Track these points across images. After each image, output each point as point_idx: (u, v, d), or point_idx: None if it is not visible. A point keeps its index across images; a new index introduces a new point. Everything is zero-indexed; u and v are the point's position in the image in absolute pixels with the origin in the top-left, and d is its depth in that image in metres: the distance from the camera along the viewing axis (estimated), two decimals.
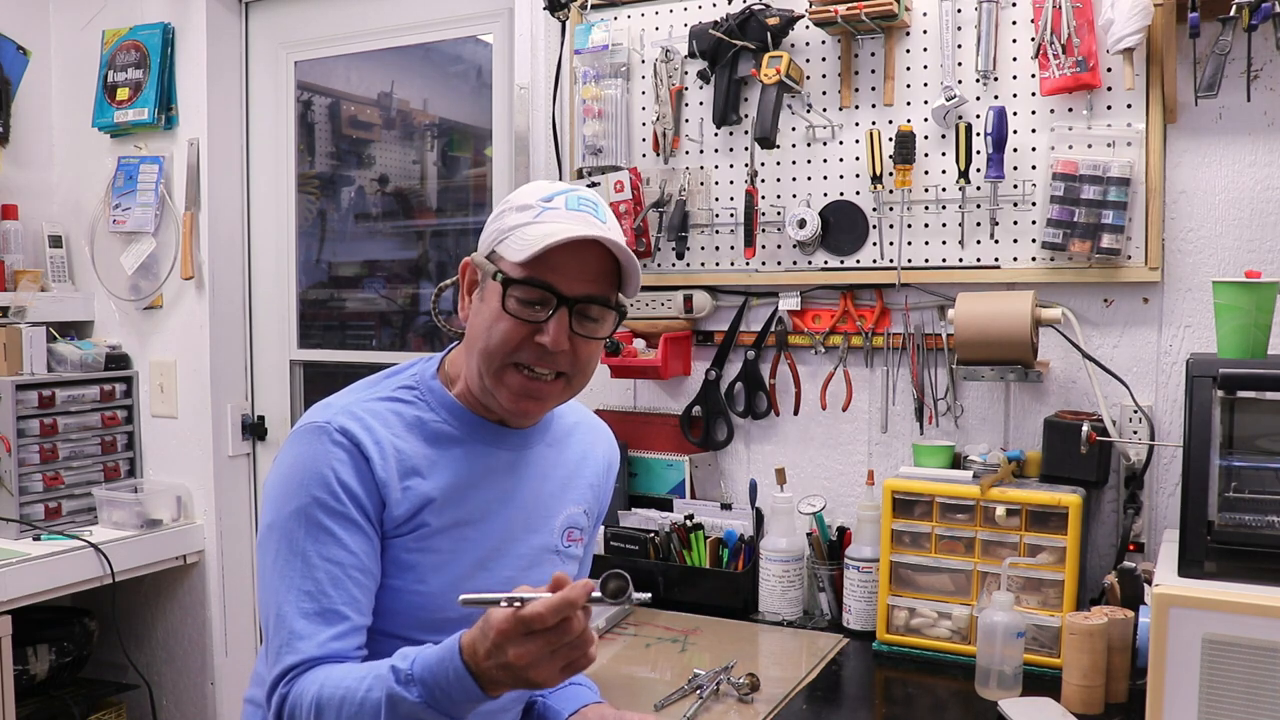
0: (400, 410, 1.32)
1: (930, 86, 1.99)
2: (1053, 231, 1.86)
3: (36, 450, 2.61)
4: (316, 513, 1.22)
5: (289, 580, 1.21)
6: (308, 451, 1.25)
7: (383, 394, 1.34)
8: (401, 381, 1.37)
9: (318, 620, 1.19)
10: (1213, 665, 1.34)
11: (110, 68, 2.81)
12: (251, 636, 2.92)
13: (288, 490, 1.24)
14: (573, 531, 1.45)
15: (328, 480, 1.23)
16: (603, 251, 1.26)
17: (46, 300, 2.81)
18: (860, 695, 1.72)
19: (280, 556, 1.23)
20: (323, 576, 1.21)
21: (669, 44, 2.19)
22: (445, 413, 1.34)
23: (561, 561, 1.44)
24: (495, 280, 1.27)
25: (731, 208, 2.16)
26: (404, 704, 1.08)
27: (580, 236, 1.23)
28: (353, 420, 1.27)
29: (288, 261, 2.86)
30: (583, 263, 1.25)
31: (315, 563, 1.21)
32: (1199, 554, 1.44)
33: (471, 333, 1.31)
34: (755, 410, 2.20)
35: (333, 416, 1.27)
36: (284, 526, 1.23)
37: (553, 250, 1.22)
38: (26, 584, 2.34)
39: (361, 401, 1.31)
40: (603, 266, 1.27)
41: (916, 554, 1.82)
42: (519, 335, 1.25)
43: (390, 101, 2.80)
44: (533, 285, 1.24)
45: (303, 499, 1.23)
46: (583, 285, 1.26)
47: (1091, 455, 1.75)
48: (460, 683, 1.08)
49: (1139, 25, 1.74)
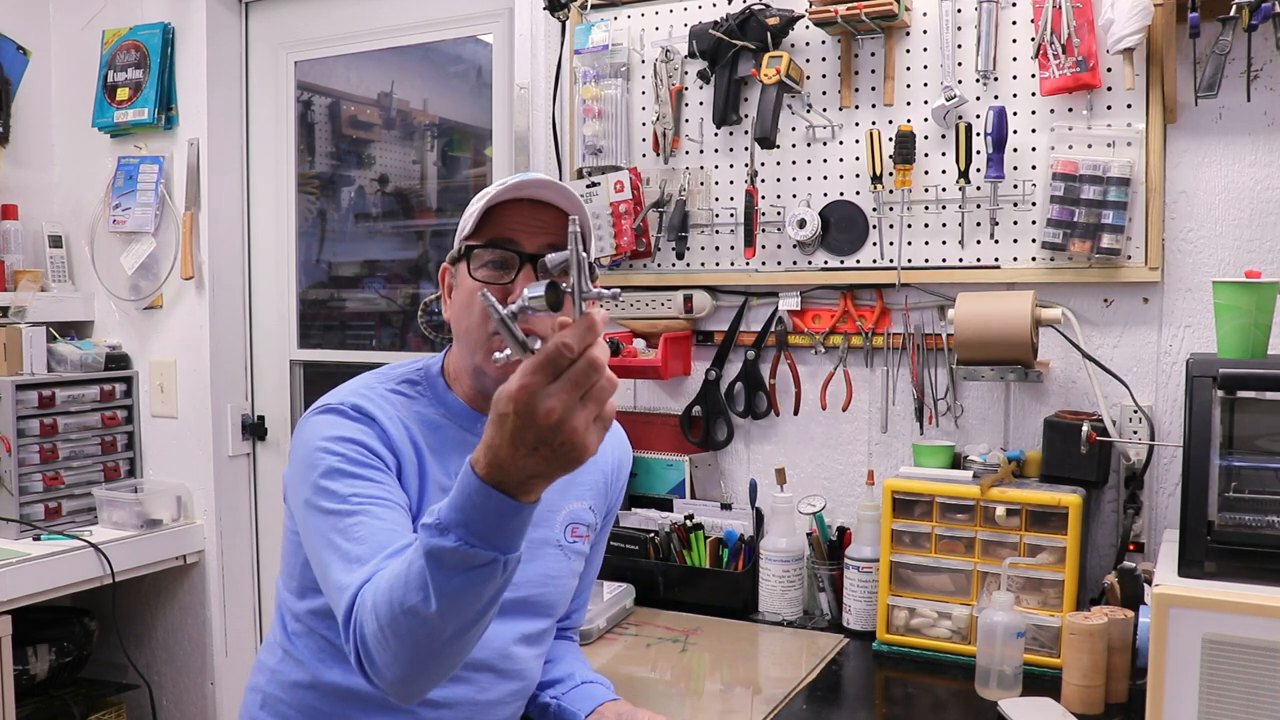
0: (405, 402, 1.36)
1: (930, 86, 1.99)
2: (1053, 231, 1.86)
3: (36, 450, 2.61)
4: (344, 465, 1.23)
5: (329, 523, 1.19)
6: (325, 425, 1.28)
7: (388, 386, 1.38)
8: (405, 375, 1.40)
9: (369, 542, 1.16)
10: (1212, 665, 1.34)
11: (110, 68, 2.81)
12: (252, 636, 2.92)
13: (312, 461, 1.25)
14: (577, 527, 1.45)
15: (346, 443, 1.25)
16: (554, 211, 1.32)
17: (46, 300, 2.81)
18: (860, 695, 1.72)
19: (314, 512, 1.22)
20: (363, 509, 1.19)
21: (669, 44, 2.19)
22: (445, 408, 1.37)
23: (565, 556, 1.44)
24: (461, 257, 1.32)
25: (731, 208, 2.16)
26: (447, 555, 0.96)
27: (519, 182, 1.29)
28: (365, 400, 1.31)
29: (288, 261, 2.86)
30: (537, 219, 1.31)
31: (353, 502, 1.19)
32: (1199, 554, 1.44)
33: (454, 322, 1.36)
34: (755, 410, 2.20)
35: (344, 398, 1.31)
36: (313, 489, 1.23)
37: (504, 214, 1.30)
38: (26, 584, 2.34)
39: (368, 389, 1.35)
40: (559, 223, 1.32)
41: (916, 554, 1.82)
42: None
43: (390, 101, 2.80)
44: (491, 246, 1.30)
45: (328, 462, 1.23)
46: (540, 239, 1.30)
47: (1091, 455, 1.75)
48: (490, 501, 0.95)
49: (1139, 25, 1.74)
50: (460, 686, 1.34)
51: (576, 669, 1.56)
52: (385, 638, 1.03)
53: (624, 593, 2.03)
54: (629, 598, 2.03)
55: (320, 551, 1.19)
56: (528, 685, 1.44)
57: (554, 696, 1.50)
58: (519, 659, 1.40)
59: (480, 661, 1.34)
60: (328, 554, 1.17)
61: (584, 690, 1.50)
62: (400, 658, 1.03)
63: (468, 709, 1.35)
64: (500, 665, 1.37)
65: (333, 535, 1.18)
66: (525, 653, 1.41)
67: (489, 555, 0.96)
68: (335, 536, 1.18)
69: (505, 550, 0.97)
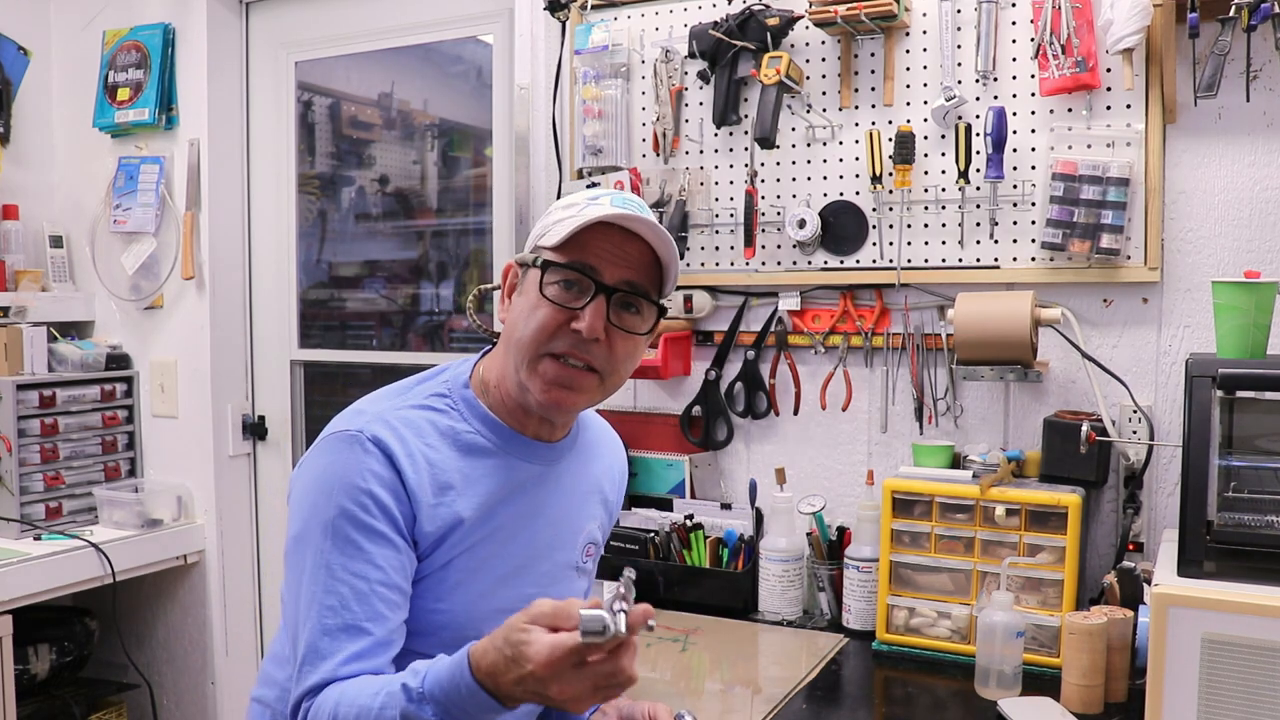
0: (434, 419, 1.27)
1: (930, 87, 1.99)
2: (1052, 231, 1.86)
3: (37, 450, 2.61)
4: (344, 525, 1.18)
5: (313, 595, 1.17)
6: (339, 460, 1.21)
7: (415, 401, 1.29)
8: (434, 389, 1.31)
9: (340, 636, 1.15)
10: (1212, 665, 1.35)
11: (111, 68, 2.81)
12: (252, 636, 2.92)
13: (316, 501, 1.20)
14: (591, 547, 1.43)
15: (357, 491, 1.18)
16: (644, 246, 1.25)
17: (47, 300, 2.81)
18: (860, 695, 1.72)
19: (306, 571, 1.19)
20: (347, 591, 1.16)
21: (669, 44, 2.19)
22: (478, 423, 1.29)
23: (579, 578, 1.41)
24: (535, 266, 1.24)
25: (731, 208, 2.17)
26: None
27: (620, 214, 1.21)
28: (386, 429, 1.22)
29: (288, 261, 2.86)
30: (623, 252, 1.23)
31: (341, 577, 1.16)
32: (1198, 554, 1.44)
33: (509, 327, 1.28)
34: (755, 410, 2.20)
35: (365, 425, 1.22)
36: (311, 539, 1.19)
37: (593, 237, 1.22)
38: (27, 584, 2.34)
39: (394, 410, 1.26)
40: (644, 259, 1.25)
41: (916, 554, 1.82)
42: (555, 322, 1.22)
43: (390, 102, 2.80)
44: (571, 268, 1.22)
45: (331, 511, 1.18)
46: (622, 273, 1.23)
47: (1091, 455, 1.75)
48: (475, 699, 1.03)
49: (1138, 25, 1.74)
50: None
51: None
52: None
53: None
54: None
55: (298, 596, 1.20)
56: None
57: None
58: None
59: None
60: (307, 609, 1.18)
61: None
62: None
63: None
64: None
65: (316, 592, 1.18)
66: None
67: None
68: (319, 595, 1.17)
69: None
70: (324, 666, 1.14)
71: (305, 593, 1.18)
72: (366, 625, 1.16)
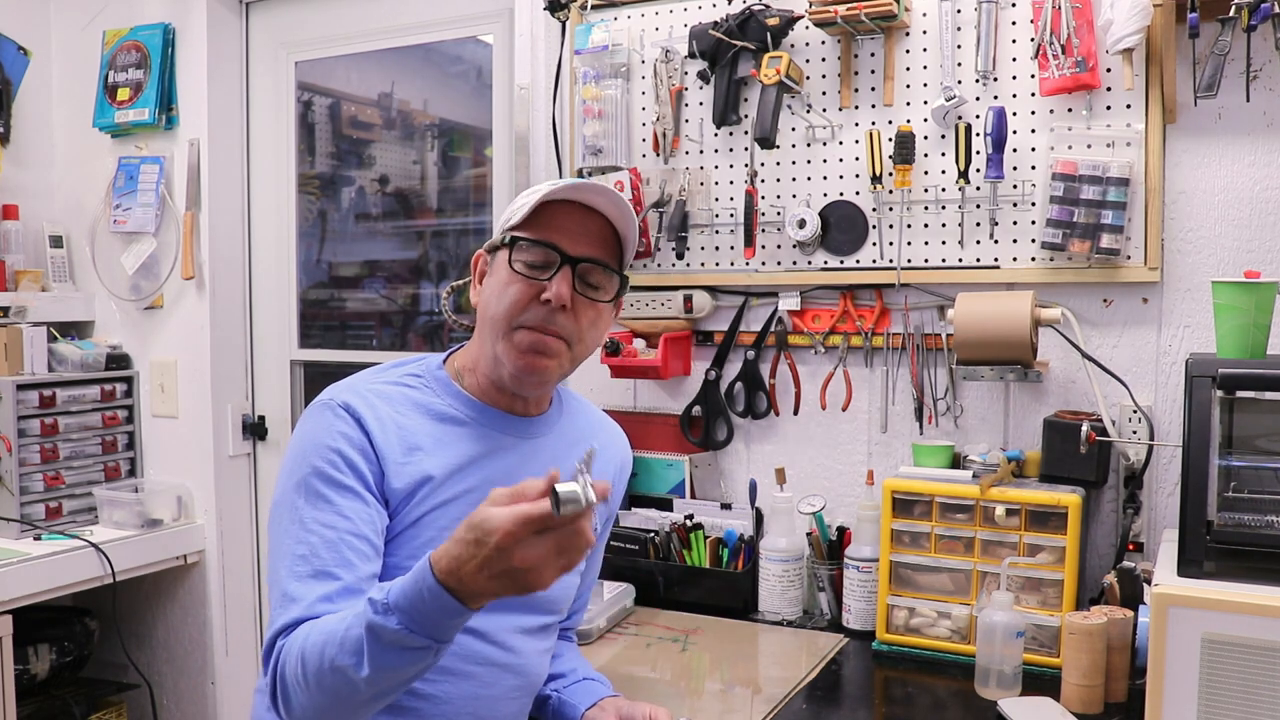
0: (407, 393, 1.37)
1: (930, 87, 1.99)
2: (1052, 231, 1.86)
3: (37, 450, 2.61)
4: (315, 481, 1.26)
5: (286, 547, 1.25)
6: (311, 426, 1.31)
7: (390, 379, 1.39)
8: (408, 370, 1.42)
9: (310, 581, 1.21)
10: (1212, 665, 1.35)
11: (111, 68, 2.81)
12: (252, 636, 2.92)
13: (292, 465, 1.30)
14: None
15: (327, 450, 1.27)
16: (603, 221, 1.35)
17: (47, 300, 2.81)
18: (860, 695, 1.72)
19: (280, 525, 1.27)
20: (316, 540, 1.23)
21: (669, 44, 2.19)
22: (450, 399, 1.38)
23: None
24: (503, 245, 1.33)
25: (731, 208, 2.17)
26: (386, 633, 1.05)
27: (575, 184, 1.32)
28: (356, 397, 1.32)
29: (288, 261, 2.86)
30: (584, 227, 1.33)
31: (311, 528, 1.24)
32: (1198, 554, 1.44)
33: (482, 306, 1.37)
34: (755, 410, 2.20)
35: (337, 394, 1.33)
36: (286, 499, 1.28)
37: (554, 215, 1.32)
38: (27, 584, 2.34)
39: (368, 384, 1.36)
40: (604, 233, 1.35)
41: (916, 554, 1.82)
42: (526, 295, 1.31)
43: (390, 102, 2.80)
44: (537, 243, 1.31)
45: (304, 470, 1.27)
46: (585, 246, 1.33)
47: (1091, 455, 1.75)
48: (438, 601, 1.04)
49: (1138, 25, 1.74)
50: (461, 681, 1.33)
51: (578, 665, 1.58)
52: (306, 684, 1.13)
53: (624, 593, 2.03)
54: (629, 598, 2.04)
55: (277, 552, 1.26)
56: (532, 682, 1.44)
57: (554, 690, 1.52)
58: (520, 651, 1.39)
59: (478, 654, 1.34)
60: (280, 559, 1.25)
61: (584, 686, 1.52)
62: (317, 704, 1.13)
63: (470, 704, 1.35)
64: (499, 658, 1.37)
65: (289, 543, 1.25)
66: (526, 645, 1.40)
67: (424, 642, 1.06)
68: (290, 545, 1.24)
69: (440, 640, 1.07)
70: (294, 609, 1.20)
71: (280, 547, 1.26)
72: (335, 570, 1.22)
